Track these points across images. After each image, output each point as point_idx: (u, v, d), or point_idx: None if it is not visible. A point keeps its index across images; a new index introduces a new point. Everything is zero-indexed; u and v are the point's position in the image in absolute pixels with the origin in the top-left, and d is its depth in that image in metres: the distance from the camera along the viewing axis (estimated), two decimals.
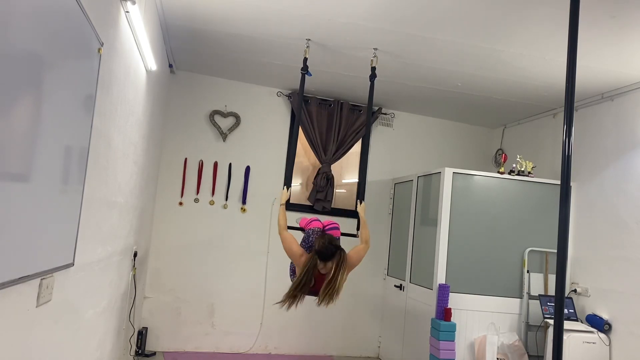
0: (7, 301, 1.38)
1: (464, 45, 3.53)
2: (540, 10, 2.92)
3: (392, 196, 5.43)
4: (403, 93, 4.88)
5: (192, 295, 4.88)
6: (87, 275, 2.26)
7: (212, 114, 5.02)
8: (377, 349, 5.34)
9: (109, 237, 2.68)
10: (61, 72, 1.59)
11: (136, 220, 3.60)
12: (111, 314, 2.98)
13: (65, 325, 2.02)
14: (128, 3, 2.41)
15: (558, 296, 2.01)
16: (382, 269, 5.37)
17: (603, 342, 3.78)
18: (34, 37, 1.36)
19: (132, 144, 3.05)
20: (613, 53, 3.39)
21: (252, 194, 5.09)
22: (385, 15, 3.20)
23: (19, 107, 1.32)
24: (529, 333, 4.13)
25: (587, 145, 4.31)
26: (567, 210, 2.03)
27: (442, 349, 3.78)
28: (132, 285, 3.65)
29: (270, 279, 5.07)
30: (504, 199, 4.29)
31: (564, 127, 2.04)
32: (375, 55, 3.79)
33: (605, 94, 4.13)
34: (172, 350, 4.81)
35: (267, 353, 5.04)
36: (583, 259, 4.18)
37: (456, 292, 4.06)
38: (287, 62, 4.30)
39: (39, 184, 1.50)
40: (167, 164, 4.91)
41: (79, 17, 1.68)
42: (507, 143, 5.52)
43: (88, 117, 1.94)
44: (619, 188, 3.92)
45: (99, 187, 2.33)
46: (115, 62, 2.39)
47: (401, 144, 5.56)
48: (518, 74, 3.98)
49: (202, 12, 3.44)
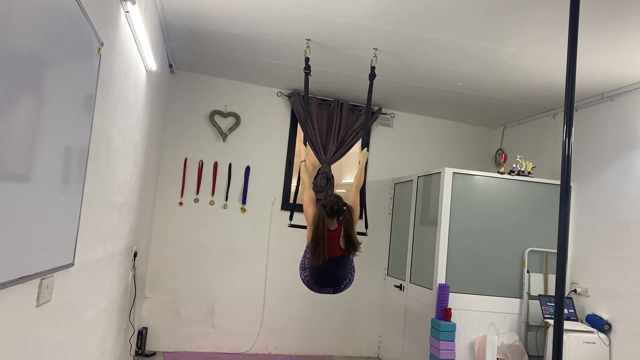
0: (7, 301, 1.38)
1: (464, 45, 3.53)
2: (540, 11, 2.92)
3: (392, 196, 5.43)
4: (403, 93, 4.88)
5: (192, 295, 4.88)
6: (87, 275, 2.26)
7: (212, 114, 5.02)
8: (377, 349, 5.34)
9: (109, 237, 2.68)
10: (61, 72, 1.59)
11: (136, 220, 3.59)
12: (111, 314, 2.98)
13: (65, 325, 2.02)
14: (128, 3, 2.41)
15: (558, 296, 2.01)
16: (382, 269, 5.37)
17: (603, 342, 3.78)
18: (34, 37, 1.36)
19: (132, 144, 3.05)
20: (613, 53, 3.39)
21: (252, 194, 5.09)
22: (385, 15, 3.20)
23: (19, 107, 1.32)
24: (529, 333, 4.13)
25: (587, 145, 4.31)
26: (567, 210, 2.02)
27: (442, 349, 3.78)
28: (132, 285, 3.65)
29: (270, 279, 5.08)
30: (504, 199, 4.28)
31: (564, 127, 2.04)
32: (375, 55, 3.79)
33: (605, 94, 4.13)
34: (172, 350, 4.81)
35: (267, 353, 5.04)
36: (583, 259, 4.18)
37: (456, 292, 4.06)
38: (287, 62, 4.30)
39: (39, 184, 1.50)
40: (167, 164, 4.91)
41: (79, 17, 1.68)
42: (507, 143, 5.52)
43: (88, 117, 1.94)
44: (619, 188, 3.92)
45: (99, 187, 2.33)
46: (115, 62, 2.39)
47: (401, 144, 5.56)
48: (518, 74, 3.98)
49: (202, 12, 3.44)
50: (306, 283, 3.27)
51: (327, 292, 3.27)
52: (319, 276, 3.18)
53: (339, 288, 3.26)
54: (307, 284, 3.27)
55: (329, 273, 3.17)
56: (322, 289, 3.25)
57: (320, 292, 3.28)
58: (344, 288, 3.29)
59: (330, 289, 3.25)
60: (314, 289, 3.26)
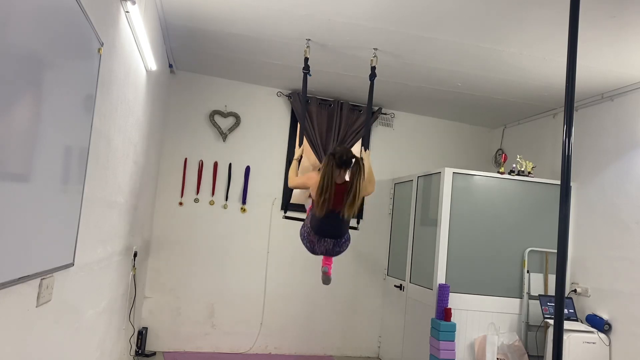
0: (7, 301, 1.38)
1: (464, 45, 3.53)
2: (540, 11, 2.92)
3: (392, 196, 5.43)
4: (403, 93, 4.88)
5: (192, 295, 4.88)
6: (87, 275, 2.26)
7: (212, 114, 5.02)
8: (377, 349, 5.34)
9: (109, 237, 2.68)
10: (61, 72, 1.59)
11: (136, 220, 3.59)
12: (111, 314, 2.98)
13: (65, 325, 2.02)
14: (128, 3, 2.41)
15: (558, 296, 2.01)
16: (382, 269, 5.37)
17: (603, 342, 3.78)
18: (34, 37, 1.36)
19: (132, 144, 3.05)
20: (613, 53, 3.39)
21: (252, 194, 5.09)
22: (385, 15, 3.20)
23: (19, 107, 1.32)
24: (529, 333, 4.12)
25: (587, 145, 4.31)
26: (567, 210, 2.02)
27: (442, 349, 3.78)
28: (132, 285, 3.65)
29: (270, 279, 5.08)
30: (504, 199, 4.28)
31: (564, 127, 2.04)
32: (375, 55, 3.79)
33: (605, 94, 4.13)
34: (172, 350, 4.81)
35: (267, 353, 5.04)
36: (583, 259, 4.18)
37: (456, 292, 4.06)
38: (287, 62, 4.30)
39: (39, 184, 1.50)
40: (167, 164, 4.91)
41: (79, 17, 1.68)
42: (507, 143, 5.51)
43: (88, 117, 1.94)
44: (619, 188, 3.92)
45: (99, 187, 2.33)
46: (115, 62, 2.39)
47: (401, 144, 5.56)
48: (518, 74, 3.98)
49: (202, 12, 3.44)
50: (306, 236, 3.28)
51: (326, 246, 3.25)
52: (320, 227, 3.21)
53: (338, 242, 3.27)
54: (307, 240, 3.29)
55: (330, 224, 3.19)
56: (322, 241, 3.24)
57: (320, 247, 3.27)
58: (340, 249, 3.29)
59: (331, 242, 3.24)
60: (314, 241, 3.26)
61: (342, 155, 3.09)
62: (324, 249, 3.27)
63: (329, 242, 3.24)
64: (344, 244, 3.31)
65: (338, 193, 3.09)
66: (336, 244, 3.26)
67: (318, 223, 3.20)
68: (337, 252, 3.31)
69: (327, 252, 3.29)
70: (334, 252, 3.31)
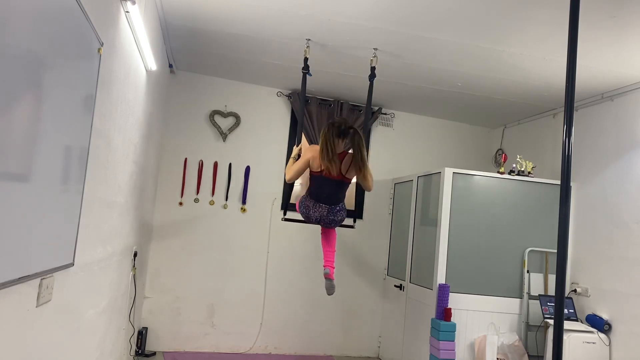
0: (7, 301, 1.38)
1: (464, 45, 3.53)
2: (540, 11, 2.92)
3: (392, 196, 5.43)
4: (403, 93, 4.88)
5: (192, 295, 4.88)
6: (87, 275, 2.26)
7: (212, 114, 5.02)
8: (377, 349, 5.34)
9: (109, 237, 2.68)
10: (61, 72, 1.59)
11: (136, 220, 3.60)
12: (111, 314, 2.98)
13: (65, 325, 2.02)
14: (128, 3, 2.41)
15: (558, 296, 2.01)
16: (382, 269, 5.37)
17: (603, 342, 3.78)
18: (34, 37, 1.36)
19: (132, 144, 3.05)
20: (613, 53, 3.39)
21: (252, 194, 5.09)
22: (385, 15, 3.20)
23: (19, 107, 1.32)
24: (529, 333, 4.12)
25: (587, 145, 4.31)
26: (567, 210, 2.02)
27: (442, 349, 3.78)
28: (132, 285, 3.65)
29: (270, 279, 5.08)
30: (504, 199, 4.28)
31: (564, 127, 2.04)
32: (375, 55, 3.79)
33: (605, 94, 4.13)
34: (172, 350, 4.81)
35: (267, 353, 5.04)
36: (583, 259, 4.18)
37: (456, 292, 4.06)
38: (287, 62, 4.30)
39: (39, 184, 1.50)
40: (167, 164, 4.91)
41: (79, 17, 1.68)
42: (507, 143, 5.51)
43: (88, 117, 1.94)
44: (619, 188, 3.92)
45: (99, 187, 2.33)
46: (115, 62, 2.39)
47: (401, 144, 5.56)
48: (518, 74, 3.98)
49: (202, 12, 3.44)
50: (303, 201, 3.38)
51: (320, 211, 3.33)
52: (317, 192, 3.33)
53: (332, 210, 3.35)
54: (303, 206, 3.37)
55: (327, 190, 3.31)
56: (317, 206, 3.33)
57: (314, 212, 3.34)
58: (334, 217, 3.36)
59: (325, 207, 3.33)
60: (310, 206, 3.34)
61: (340, 124, 3.19)
62: (318, 215, 3.35)
63: (324, 207, 3.33)
64: (338, 213, 3.39)
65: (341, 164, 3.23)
66: (330, 211, 3.35)
67: (315, 188, 3.34)
68: (331, 220, 3.39)
69: (322, 219, 3.37)
70: (328, 220, 3.38)
